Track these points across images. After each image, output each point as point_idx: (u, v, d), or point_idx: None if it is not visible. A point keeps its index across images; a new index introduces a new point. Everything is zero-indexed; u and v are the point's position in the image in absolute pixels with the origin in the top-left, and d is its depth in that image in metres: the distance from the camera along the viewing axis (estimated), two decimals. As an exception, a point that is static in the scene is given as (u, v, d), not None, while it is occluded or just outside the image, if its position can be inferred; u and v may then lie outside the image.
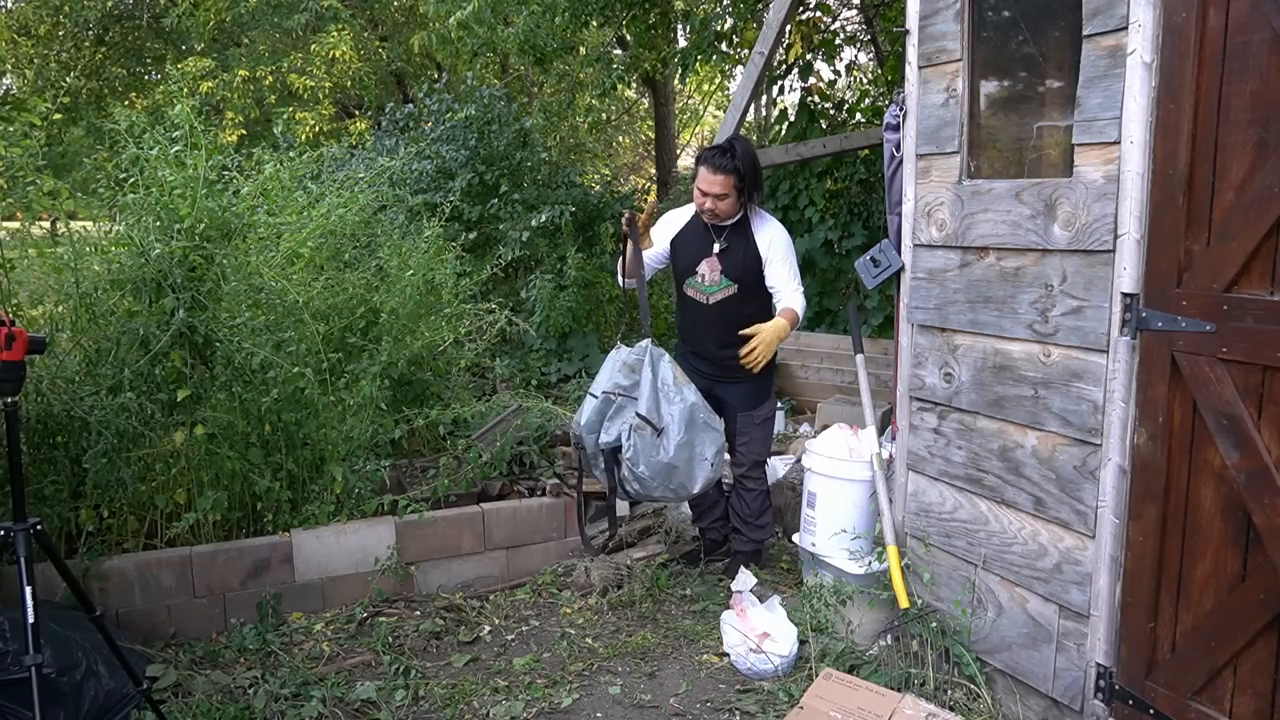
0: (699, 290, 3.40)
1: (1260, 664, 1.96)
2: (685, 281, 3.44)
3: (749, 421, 3.52)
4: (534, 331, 6.60)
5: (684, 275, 3.44)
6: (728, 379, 3.45)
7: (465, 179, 7.37)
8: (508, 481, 3.94)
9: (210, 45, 11.11)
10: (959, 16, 2.54)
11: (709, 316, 3.41)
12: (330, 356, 3.54)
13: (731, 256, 3.34)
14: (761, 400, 3.52)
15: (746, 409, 3.50)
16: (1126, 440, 2.18)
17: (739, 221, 3.37)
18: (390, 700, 2.82)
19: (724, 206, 3.28)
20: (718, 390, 3.47)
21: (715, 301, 3.38)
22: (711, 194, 3.24)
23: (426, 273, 4.36)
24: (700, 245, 3.39)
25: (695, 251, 3.40)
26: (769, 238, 3.35)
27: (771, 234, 3.37)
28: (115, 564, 3.06)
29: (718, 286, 3.36)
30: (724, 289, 3.36)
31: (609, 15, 7.85)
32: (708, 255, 3.36)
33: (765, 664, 2.93)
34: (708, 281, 3.37)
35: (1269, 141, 1.85)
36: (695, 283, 3.41)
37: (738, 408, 3.50)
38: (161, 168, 3.32)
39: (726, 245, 3.34)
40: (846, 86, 8.91)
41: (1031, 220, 2.35)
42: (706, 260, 3.37)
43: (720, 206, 3.27)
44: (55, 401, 3.07)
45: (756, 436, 3.54)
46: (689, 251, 3.42)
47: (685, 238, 3.44)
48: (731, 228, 3.36)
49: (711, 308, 3.39)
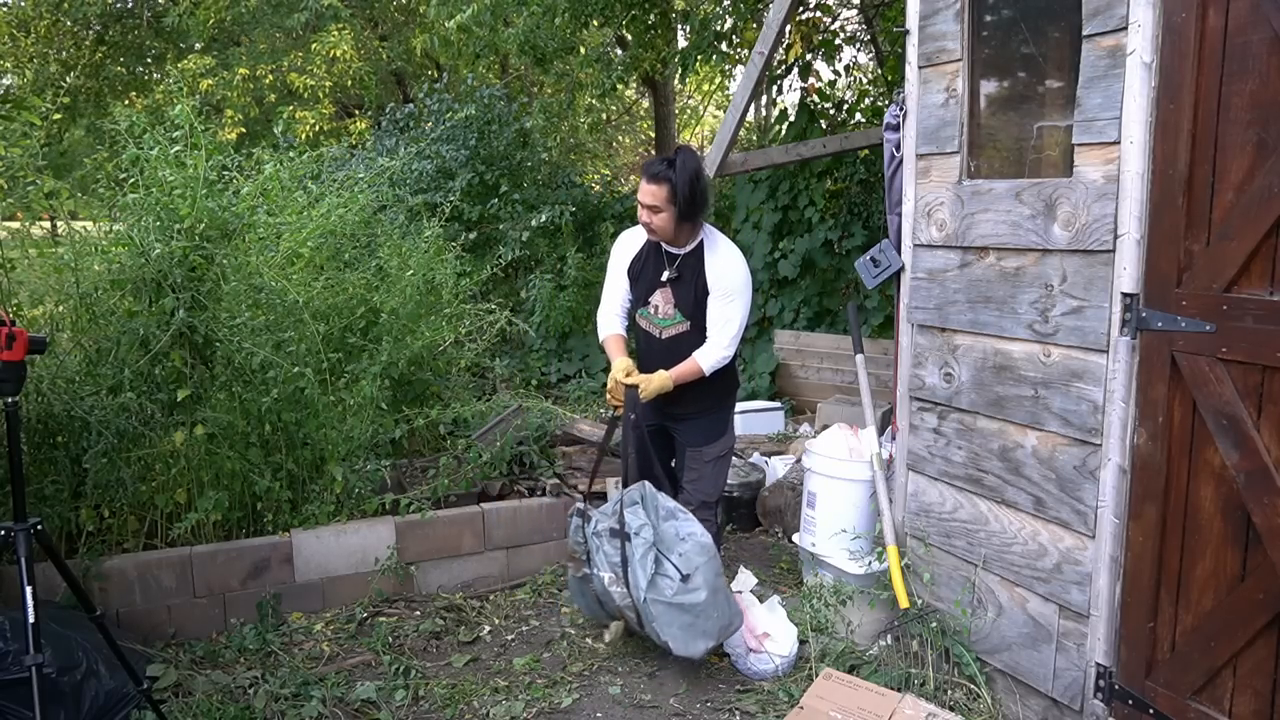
0: (651, 322, 3.11)
1: (1260, 664, 1.96)
2: (639, 311, 3.15)
3: (698, 458, 3.18)
4: (534, 331, 6.61)
5: (638, 303, 3.15)
6: (679, 415, 3.17)
7: (465, 179, 7.38)
8: (508, 481, 3.94)
9: (210, 44, 11.11)
10: (959, 16, 2.54)
11: (658, 352, 3.09)
12: (330, 356, 3.54)
13: (683, 288, 3.02)
14: (715, 437, 3.18)
15: (697, 445, 3.18)
16: (1126, 440, 2.18)
17: (695, 249, 3.03)
18: (390, 700, 2.82)
19: (659, 222, 2.94)
20: (670, 426, 3.23)
21: (667, 337, 3.08)
22: (645, 204, 2.94)
23: (426, 273, 4.37)
24: (654, 273, 3.08)
25: (649, 279, 3.09)
26: (719, 270, 2.99)
27: (722, 268, 3.00)
28: (115, 564, 3.06)
29: (670, 321, 3.06)
30: (676, 324, 3.05)
31: (609, 15, 7.85)
32: (660, 286, 3.06)
33: (765, 664, 2.93)
34: (660, 314, 3.08)
35: (1269, 141, 1.85)
36: (648, 314, 3.11)
37: (687, 444, 3.20)
38: (161, 167, 3.32)
39: (677, 275, 3.02)
40: (846, 86, 8.91)
41: (1031, 220, 2.35)
42: (660, 291, 3.06)
43: (655, 221, 2.94)
44: (55, 401, 3.07)
45: (706, 474, 3.18)
46: (644, 278, 3.11)
47: (640, 262, 3.13)
48: (685, 256, 3.03)
49: (662, 343, 3.08)
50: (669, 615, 2.78)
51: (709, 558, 2.83)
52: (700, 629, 2.79)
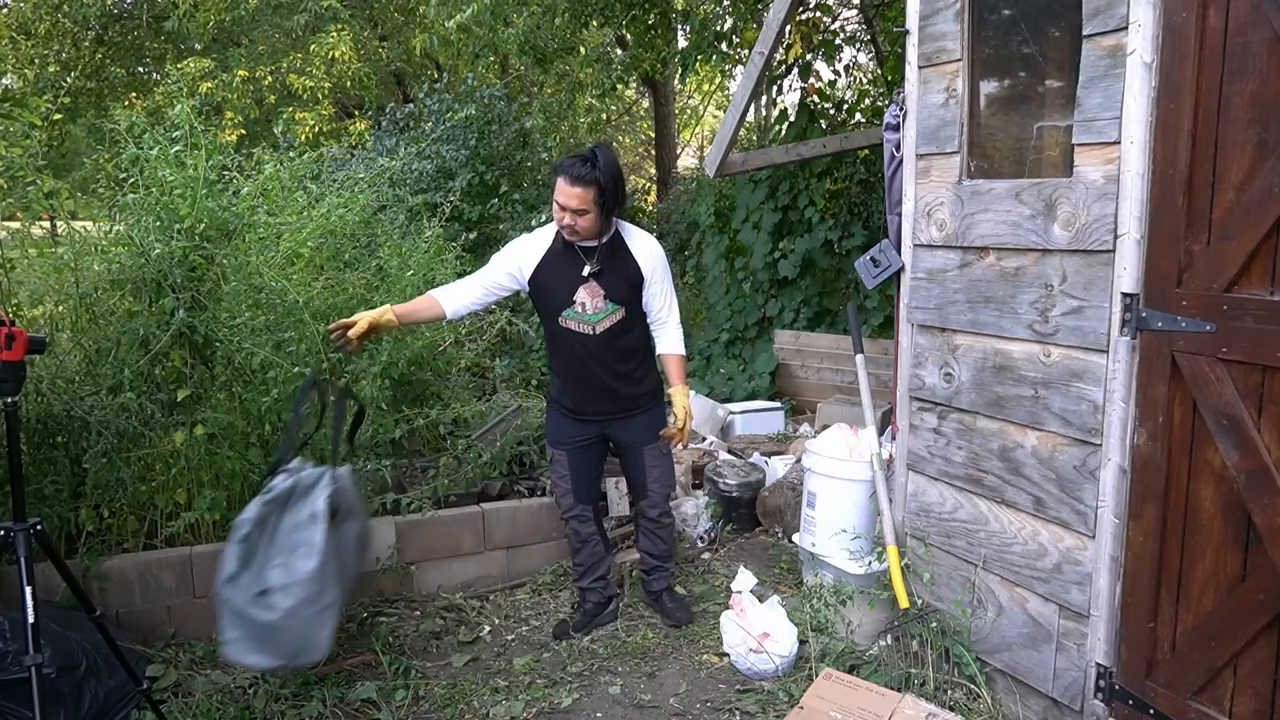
0: (582, 320, 3.00)
1: (1260, 664, 1.96)
2: (562, 314, 3.00)
3: (656, 454, 3.20)
4: (534, 332, 6.60)
5: (559, 308, 3.00)
6: (621, 414, 3.14)
7: (465, 179, 7.38)
8: (508, 481, 3.94)
9: (210, 45, 11.11)
10: (959, 16, 2.54)
11: (595, 348, 3.02)
12: (330, 356, 3.54)
13: (611, 278, 2.98)
14: (660, 426, 3.18)
15: (650, 442, 3.18)
16: (1126, 440, 2.18)
17: (611, 240, 3.00)
18: (390, 700, 2.82)
19: (584, 223, 2.88)
20: (611, 431, 3.18)
21: (603, 330, 3.01)
22: (570, 208, 2.85)
23: (427, 273, 4.37)
24: (571, 272, 2.98)
25: (568, 279, 2.99)
26: (648, 254, 3.03)
27: (649, 249, 3.04)
28: (115, 564, 3.06)
29: (603, 314, 2.99)
30: (610, 315, 3.00)
31: (609, 15, 7.85)
32: (584, 282, 2.98)
33: (765, 664, 2.93)
34: (590, 310, 2.98)
35: (1269, 141, 1.85)
36: (575, 313, 2.99)
37: (641, 443, 3.18)
38: (161, 168, 3.32)
39: (599, 268, 2.97)
40: (846, 86, 8.90)
41: (1031, 220, 2.35)
42: (585, 287, 2.97)
43: (580, 223, 2.87)
44: (55, 401, 3.07)
45: (665, 468, 3.24)
46: (560, 281, 3.00)
47: (549, 267, 3.01)
48: (603, 247, 2.98)
49: (598, 338, 3.01)
50: (234, 616, 2.49)
51: (305, 582, 2.48)
52: (263, 646, 2.48)
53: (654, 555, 3.37)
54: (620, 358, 3.06)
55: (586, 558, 3.30)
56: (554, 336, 3.08)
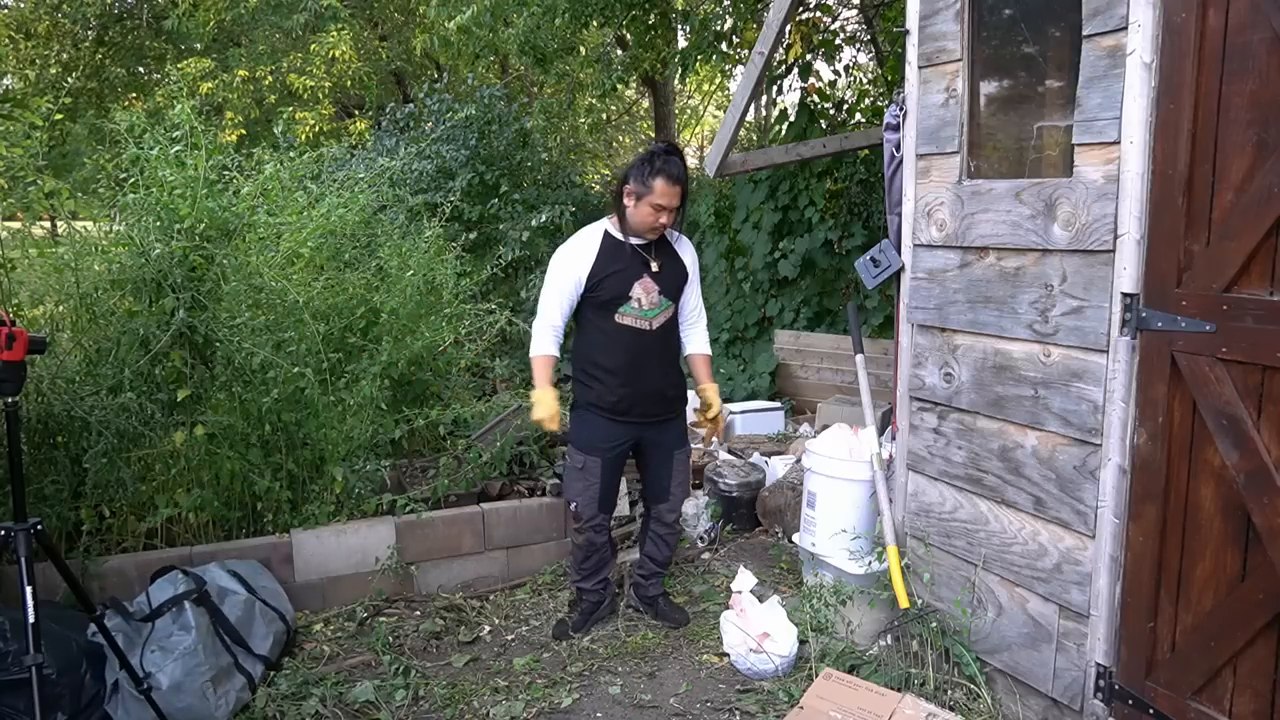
0: (639, 316, 3.01)
1: (1260, 664, 1.96)
2: (619, 311, 3.00)
3: (684, 458, 3.24)
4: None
5: (616, 305, 3.00)
6: (666, 417, 3.16)
7: (465, 179, 7.38)
8: (508, 481, 3.94)
9: (210, 45, 11.12)
10: (959, 16, 2.54)
11: (652, 344, 3.05)
12: (330, 356, 3.54)
13: (666, 275, 3.05)
14: (686, 429, 3.27)
15: (681, 446, 3.23)
16: (1126, 440, 2.18)
17: (662, 236, 3.07)
18: (390, 700, 2.82)
19: (670, 220, 2.96)
20: (647, 434, 3.14)
21: (658, 326, 3.05)
22: (670, 207, 2.92)
23: (426, 273, 4.36)
24: (629, 268, 3.00)
25: (625, 276, 3.00)
26: (689, 253, 3.15)
27: (689, 250, 3.15)
28: (115, 564, 3.06)
29: (658, 309, 3.03)
30: (664, 310, 3.05)
31: (609, 15, 7.85)
32: (639, 277, 3.00)
33: (765, 664, 2.93)
34: (646, 305, 3.01)
35: (1269, 141, 1.85)
36: (632, 309, 3.00)
37: (673, 445, 3.20)
38: (162, 168, 3.33)
39: (661, 264, 3.04)
40: (846, 86, 8.91)
41: (1031, 220, 2.35)
42: (639, 283, 3.00)
43: (669, 220, 2.96)
44: (55, 401, 3.08)
45: (687, 474, 3.30)
46: (617, 278, 3.00)
47: (605, 266, 3.00)
48: (658, 244, 3.06)
49: (654, 334, 3.05)
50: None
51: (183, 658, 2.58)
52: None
53: (656, 561, 3.35)
54: (671, 357, 3.15)
55: (595, 564, 3.26)
56: (606, 335, 3.03)
